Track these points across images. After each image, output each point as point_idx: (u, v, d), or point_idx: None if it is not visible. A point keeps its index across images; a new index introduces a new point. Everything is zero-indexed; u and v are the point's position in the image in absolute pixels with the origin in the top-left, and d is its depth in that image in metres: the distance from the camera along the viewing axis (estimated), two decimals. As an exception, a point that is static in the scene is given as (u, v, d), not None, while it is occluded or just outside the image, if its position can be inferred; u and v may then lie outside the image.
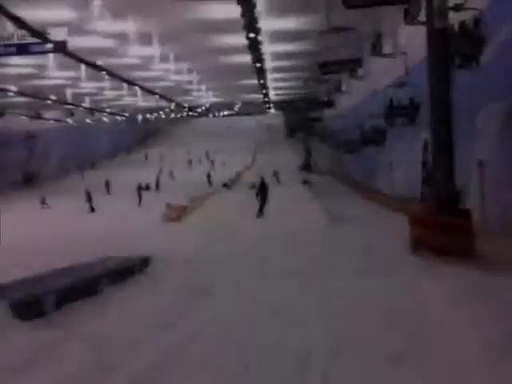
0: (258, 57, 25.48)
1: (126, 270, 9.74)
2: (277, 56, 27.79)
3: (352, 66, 16.46)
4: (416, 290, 7.84)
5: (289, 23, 21.53)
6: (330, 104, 23.80)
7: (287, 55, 27.71)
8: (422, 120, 18.77)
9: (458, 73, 12.65)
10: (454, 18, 12.21)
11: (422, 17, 11.88)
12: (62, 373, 5.02)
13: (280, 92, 45.78)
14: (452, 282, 7.98)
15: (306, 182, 33.88)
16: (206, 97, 46.56)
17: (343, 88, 31.08)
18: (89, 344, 5.84)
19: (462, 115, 12.33)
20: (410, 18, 16.16)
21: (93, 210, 28.50)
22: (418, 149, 19.66)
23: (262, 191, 20.74)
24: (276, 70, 32.25)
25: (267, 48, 25.18)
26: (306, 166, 50.90)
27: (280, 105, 60.50)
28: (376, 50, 22.68)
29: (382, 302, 7.23)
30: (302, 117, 35.11)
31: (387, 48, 22.70)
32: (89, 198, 28.84)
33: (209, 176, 41.38)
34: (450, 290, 7.58)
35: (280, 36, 23.33)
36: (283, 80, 37.85)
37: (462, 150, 12.61)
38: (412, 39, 18.07)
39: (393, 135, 22.81)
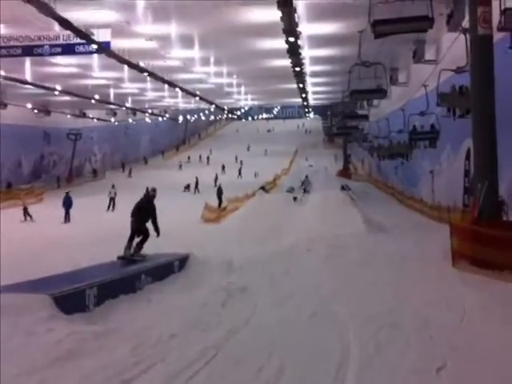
0: (297, 61, 25.37)
1: (166, 268, 9.92)
2: (316, 60, 27.68)
3: (419, 25, 12.68)
4: (447, 298, 7.76)
5: (329, 27, 21.42)
6: (381, 92, 21.32)
7: (327, 59, 27.60)
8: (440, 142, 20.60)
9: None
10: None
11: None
12: (100, 364, 5.15)
13: (319, 96, 45.56)
14: (486, 292, 7.87)
15: (343, 188, 33.62)
16: (245, 100, 46.69)
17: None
18: (127, 339, 5.97)
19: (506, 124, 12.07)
20: (453, 24, 15.94)
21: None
22: (461, 158, 19.32)
23: (144, 214, 10.72)
24: (315, 74, 32.11)
25: (307, 52, 25.09)
26: (345, 172, 50.47)
27: (319, 109, 60.15)
28: (416, 56, 21.84)
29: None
30: (343, 116, 34.00)
31: (429, 55, 22.17)
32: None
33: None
34: (482, 299, 7.49)
35: (320, 40, 23.22)
36: (323, 84, 37.65)
37: (505, 160, 12.33)
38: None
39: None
